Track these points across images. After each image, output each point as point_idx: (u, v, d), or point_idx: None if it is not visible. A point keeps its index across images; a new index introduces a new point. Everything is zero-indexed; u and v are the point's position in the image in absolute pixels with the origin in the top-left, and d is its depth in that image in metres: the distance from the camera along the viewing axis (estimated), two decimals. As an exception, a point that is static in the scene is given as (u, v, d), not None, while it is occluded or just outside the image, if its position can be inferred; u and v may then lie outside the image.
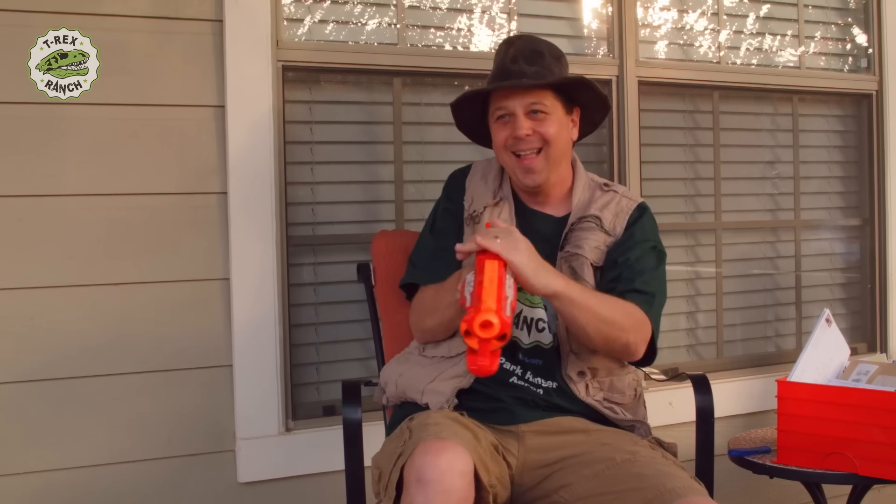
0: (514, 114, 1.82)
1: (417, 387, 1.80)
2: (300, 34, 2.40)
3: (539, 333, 1.83)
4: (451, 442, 1.47)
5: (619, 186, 2.00)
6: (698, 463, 1.92)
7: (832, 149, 3.22)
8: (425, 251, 1.95)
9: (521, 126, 1.81)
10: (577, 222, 1.88)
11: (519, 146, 1.83)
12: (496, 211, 1.89)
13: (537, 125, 1.82)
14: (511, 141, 1.83)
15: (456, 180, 2.01)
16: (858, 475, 2.07)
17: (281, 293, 2.30)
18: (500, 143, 1.87)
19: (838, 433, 2.09)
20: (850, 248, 3.26)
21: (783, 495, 2.83)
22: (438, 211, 2.00)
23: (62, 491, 2.11)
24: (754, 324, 3.08)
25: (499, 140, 1.87)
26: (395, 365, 1.93)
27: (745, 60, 3.02)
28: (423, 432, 1.54)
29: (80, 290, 2.12)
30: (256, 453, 2.26)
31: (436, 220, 1.99)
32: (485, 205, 1.91)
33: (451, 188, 2.01)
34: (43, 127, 2.08)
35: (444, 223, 1.96)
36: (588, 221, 1.88)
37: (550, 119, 1.83)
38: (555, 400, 1.79)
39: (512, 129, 1.83)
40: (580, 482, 1.65)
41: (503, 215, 1.88)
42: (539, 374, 1.81)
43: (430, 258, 1.92)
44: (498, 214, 1.88)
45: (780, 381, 2.19)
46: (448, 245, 1.82)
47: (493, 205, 1.91)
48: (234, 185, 2.23)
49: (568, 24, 2.75)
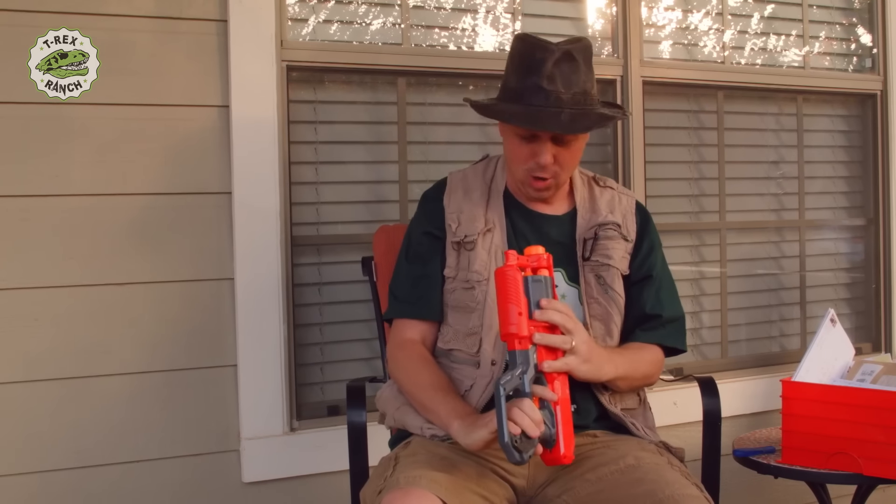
0: (541, 139, 1.71)
1: (416, 421, 1.74)
2: (304, 34, 2.40)
3: None
4: (415, 494, 1.44)
5: (610, 181, 1.95)
6: (705, 466, 1.91)
7: (836, 149, 3.22)
8: (406, 280, 1.85)
9: (546, 155, 1.71)
10: (600, 229, 1.83)
11: (536, 171, 1.75)
12: (487, 238, 1.80)
13: (560, 152, 1.73)
14: (531, 164, 1.74)
15: (431, 201, 1.88)
16: (863, 475, 2.07)
17: (285, 293, 2.30)
18: (518, 160, 1.77)
19: (843, 433, 2.09)
20: (855, 248, 3.25)
21: (788, 495, 2.83)
22: (414, 235, 1.87)
23: (63, 490, 2.11)
24: (759, 324, 3.07)
25: (518, 157, 1.77)
26: (391, 397, 1.84)
27: (750, 60, 3.02)
28: (402, 472, 1.53)
29: (83, 290, 2.13)
30: (261, 453, 2.26)
31: (411, 244, 1.87)
32: (477, 231, 1.80)
33: (427, 210, 1.88)
34: (43, 127, 2.08)
35: (423, 248, 1.84)
36: (611, 229, 1.83)
37: (574, 147, 1.76)
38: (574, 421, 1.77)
39: (533, 153, 1.73)
40: (583, 486, 1.63)
41: (495, 239, 1.80)
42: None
43: (410, 288, 1.83)
44: (490, 241, 1.79)
45: (785, 381, 2.19)
46: (429, 273, 1.80)
47: (485, 232, 1.80)
48: (238, 185, 2.23)
49: (572, 24, 2.75)
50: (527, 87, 1.70)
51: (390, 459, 1.65)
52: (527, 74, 1.70)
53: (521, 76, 1.72)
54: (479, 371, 1.74)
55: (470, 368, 1.76)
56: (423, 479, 1.48)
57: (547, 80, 1.68)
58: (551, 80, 1.68)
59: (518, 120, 1.70)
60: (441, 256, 1.82)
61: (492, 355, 1.74)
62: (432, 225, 1.85)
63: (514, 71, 1.75)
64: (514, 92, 1.73)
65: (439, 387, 1.72)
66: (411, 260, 1.86)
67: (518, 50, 1.76)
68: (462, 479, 1.56)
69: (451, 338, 1.80)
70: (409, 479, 1.49)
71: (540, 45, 1.72)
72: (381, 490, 1.52)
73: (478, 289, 1.77)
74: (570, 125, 1.68)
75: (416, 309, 1.82)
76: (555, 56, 1.68)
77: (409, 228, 1.91)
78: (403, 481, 1.48)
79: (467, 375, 1.76)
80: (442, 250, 1.83)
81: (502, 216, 1.83)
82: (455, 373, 1.77)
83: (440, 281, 1.81)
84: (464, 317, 1.78)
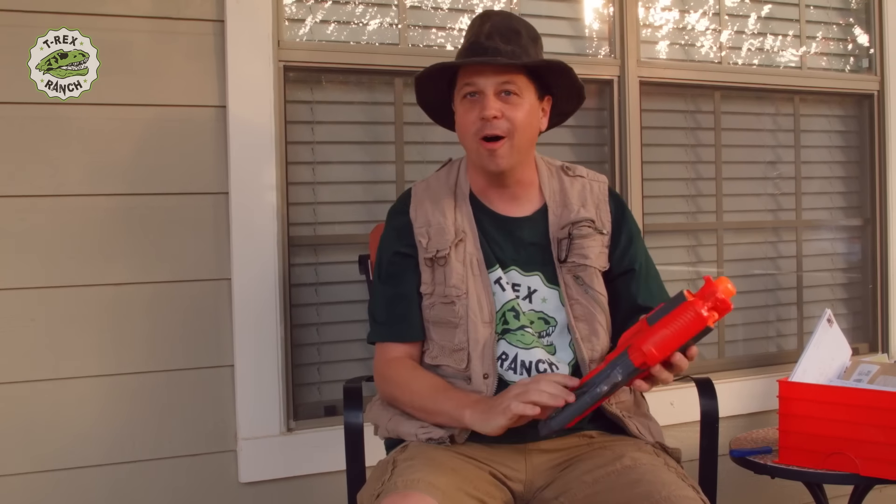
0: (484, 93, 1.69)
1: (410, 430, 1.72)
2: (301, 34, 2.40)
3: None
4: (413, 498, 1.45)
5: (580, 168, 1.89)
6: (702, 466, 1.91)
7: (833, 149, 3.22)
8: (382, 302, 1.81)
9: (490, 106, 1.68)
10: (574, 228, 1.79)
11: (485, 129, 1.69)
12: (460, 249, 1.76)
13: (507, 108, 1.69)
14: (479, 124, 1.70)
15: (398, 215, 1.84)
16: (860, 475, 2.07)
17: (282, 293, 2.30)
18: (466, 125, 1.72)
19: (840, 433, 2.09)
20: (852, 248, 3.26)
21: (784, 496, 2.83)
22: (385, 256, 1.83)
23: (60, 491, 2.11)
24: (756, 324, 3.08)
25: (466, 121, 1.72)
26: (381, 409, 1.82)
27: (747, 60, 3.02)
28: (399, 476, 1.52)
29: (82, 290, 2.12)
30: (258, 453, 2.26)
31: (383, 265, 1.83)
32: (448, 244, 1.76)
33: (395, 227, 1.83)
34: (43, 127, 2.08)
35: (396, 268, 1.80)
36: (585, 227, 1.79)
37: (522, 103, 1.71)
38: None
39: (480, 110, 1.69)
40: (580, 487, 1.62)
41: (468, 248, 1.76)
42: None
43: (388, 310, 1.80)
44: (464, 251, 1.76)
45: (782, 382, 2.19)
46: (405, 292, 1.78)
47: (457, 243, 1.76)
48: (235, 186, 2.23)
49: (569, 25, 2.75)
50: (467, 48, 1.74)
51: (388, 463, 1.65)
52: (468, 41, 1.75)
53: (465, 43, 1.76)
54: (472, 385, 1.72)
55: (460, 383, 1.74)
56: (420, 482, 1.48)
57: (485, 38, 1.72)
58: (489, 37, 1.72)
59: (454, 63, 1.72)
60: (415, 274, 1.79)
61: (482, 369, 1.72)
62: (402, 243, 1.81)
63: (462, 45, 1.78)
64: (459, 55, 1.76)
65: (437, 388, 1.71)
66: (385, 281, 1.82)
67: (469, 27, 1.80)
68: (460, 482, 1.56)
69: (438, 353, 1.78)
70: (408, 482, 1.49)
71: (482, 14, 1.79)
72: (378, 494, 1.52)
73: (458, 304, 1.74)
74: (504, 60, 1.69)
75: (397, 331, 1.79)
76: (492, 19, 1.75)
77: (380, 248, 1.86)
78: (402, 485, 1.48)
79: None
80: (415, 267, 1.79)
81: (472, 223, 1.79)
82: None
83: (417, 299, 1.78)
84: (447, 332, 1.76)
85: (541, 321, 1.77)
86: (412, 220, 1.81)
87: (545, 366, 1.73)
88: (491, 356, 1.72)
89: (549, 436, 1.54)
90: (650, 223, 2.82)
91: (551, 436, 1.57)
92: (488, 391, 1.70)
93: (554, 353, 1.75)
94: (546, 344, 1.76)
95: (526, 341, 1.74)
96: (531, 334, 1.75)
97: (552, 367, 1.73)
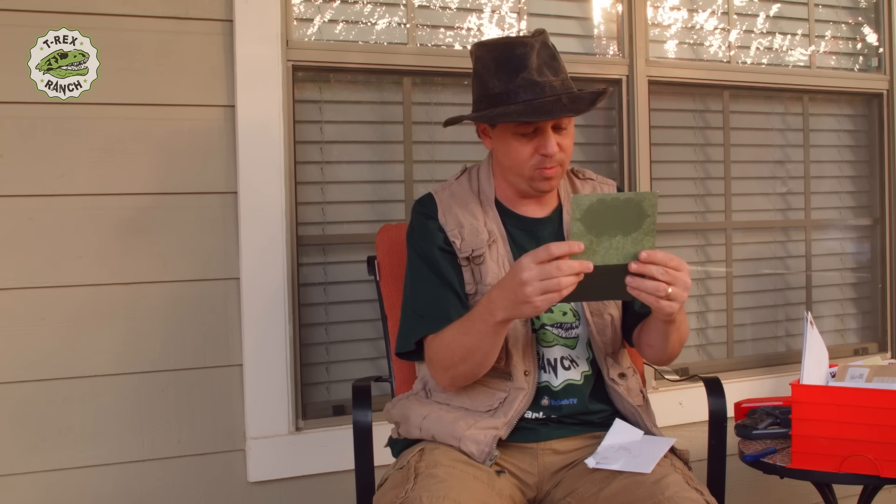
0: (542, 129, 1.71)
1: (453, 433, 1.69)
2: (310, 34, 2.40)
3: (567, 371, 1.77)
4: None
5: (589, 172, 1.95)
6: (710, 466, 1.91)
7: (843, 148, 3.21)
8: (431, 295, 1.77)
9: (552, 144, 1.71)
10: None
11: (546, 164, 1.73)
12: (493, 249, 1.77)
13: (561, 140, 1.73)
14: (538, 158, 1.73)
15: (429, 219, 1.82)
16: (869, 476, 2.06)
17: (291, 293, 2.30)
18: (523, 159, 1.74)
19: (857, 435, 2.06)
20: (861, 247, 3.25)
21: (793, 496, 2.82)
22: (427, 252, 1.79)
23: (69, 490, 2.12)
24: (764, 324, 3.07)
25: (521, 155, 1.74)
26: (415, 405, 1.80)
27: (756, 60, 3.01)
28: (424, 489, 1.51)
29: (90, 290, 2.13)
30: (266, 452, 2.26)
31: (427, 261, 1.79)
32: (483, 243, 1.77)
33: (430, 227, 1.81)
34: (44, 127, 2.09)
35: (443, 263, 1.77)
36: None
37: (570, 131, 1.76)
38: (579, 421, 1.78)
39: (538, 146, 1.71)
40: (587, 487, 1.64)
41: (500, 250, 1.77)
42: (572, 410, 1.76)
43: (438, 302, 1.75)
44: (497, 251, 1.77)
45: (795, 385, 2.14)
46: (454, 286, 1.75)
47: (490, 244, 1.78)
48: (243, 185, 2.23)
49: (578, 24, 2.74)
50: (519, 85, 1.69)
51: (409, 470, 1.62)
52: (514, 73, 1.70)
53: (508, 77, 1.71)
54: (514, 383, 1.72)
55: (499, 381, 1.74)
56: (446, 500, 1.48)
57: (536, 73, 1.69)
58: (540, 72, 1.70)
59: (526, 115, 1.68)
60: (457, 269, 1.78)
61: (523, 366, 1.73)
62: (441, 239, 1.80)
63: (493, 76, 1.73)
64: (505, 94, 1.71)
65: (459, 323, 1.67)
66: (433, 275, 1.78)
67: (490, 56, 1.74)
68: (481, 494, 1.56)
69: None
70: (434, 499, 1.48)
71: (517, 42, 1.72)
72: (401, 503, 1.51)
73: None
74: (574, 106, 1.69)
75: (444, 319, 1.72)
76: (535, 48, 1.70)
77: (417, 247, 1.82)
78: (427, 501, 1.47)
79: (499, 388, 1.74)
80: (456, 263, 1.78)
81: (501, 226, 1.81)
82: (483, 385, 1.74)
83: (463, 291, 1.77)
84: None
85: (571, 312, 1.80)
86: (442, 224, 1.81)
87: (568, 362, 1.77)
88: (532, 353, 1.74)
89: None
90: (659, 222, 2.79)
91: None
92: (529, 388, 1.72)
93: (573, 348, 1.79)
94: (565, 338, 1.79)
95: (547, 339, 1.78)
96: (551, 332, 1.78)
97: (574, 363, 1.77)
